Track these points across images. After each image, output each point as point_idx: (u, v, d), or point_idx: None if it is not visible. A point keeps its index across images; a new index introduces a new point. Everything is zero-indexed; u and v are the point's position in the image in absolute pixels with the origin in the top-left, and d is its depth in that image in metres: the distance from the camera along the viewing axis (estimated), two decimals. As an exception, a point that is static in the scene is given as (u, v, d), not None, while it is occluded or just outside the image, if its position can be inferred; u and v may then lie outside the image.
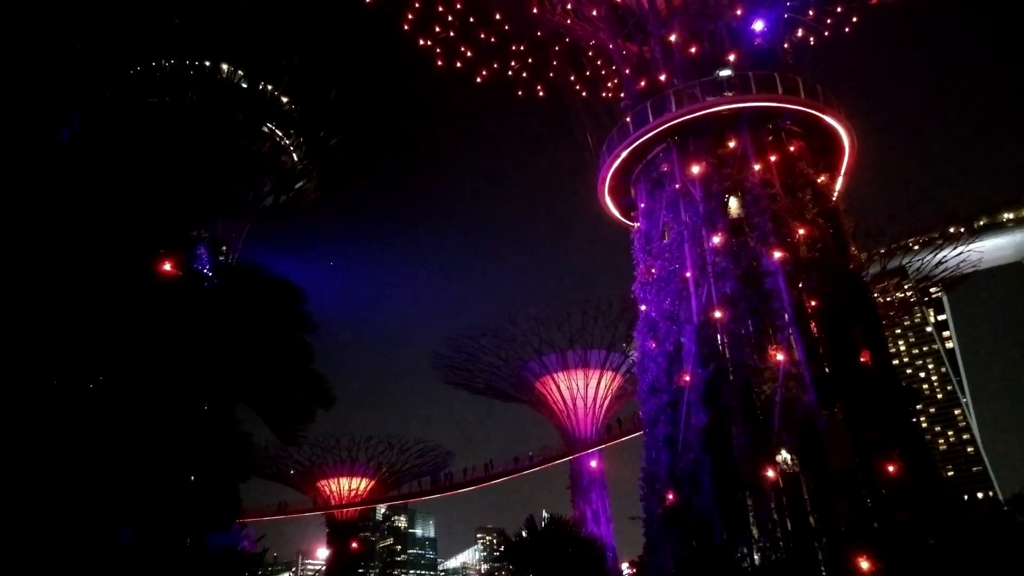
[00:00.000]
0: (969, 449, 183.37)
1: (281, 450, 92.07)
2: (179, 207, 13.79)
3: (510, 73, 58.43)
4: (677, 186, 44.04)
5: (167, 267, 13.43)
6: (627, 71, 50.01)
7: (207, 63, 48.70)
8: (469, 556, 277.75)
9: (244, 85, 52.51)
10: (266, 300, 14.29)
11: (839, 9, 56.78)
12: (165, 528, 15.97)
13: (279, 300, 14.33)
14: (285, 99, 56.26)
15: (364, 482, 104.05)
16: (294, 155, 58.86)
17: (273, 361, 14.62)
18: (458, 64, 56.98)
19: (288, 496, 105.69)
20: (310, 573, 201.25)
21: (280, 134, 57.55)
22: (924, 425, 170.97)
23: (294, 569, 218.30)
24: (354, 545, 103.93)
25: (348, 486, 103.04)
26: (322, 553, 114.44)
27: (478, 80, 58.08)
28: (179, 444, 15.45)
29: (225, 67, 50.95)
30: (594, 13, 50.47)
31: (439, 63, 56.71)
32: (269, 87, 54.83)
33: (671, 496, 38.76)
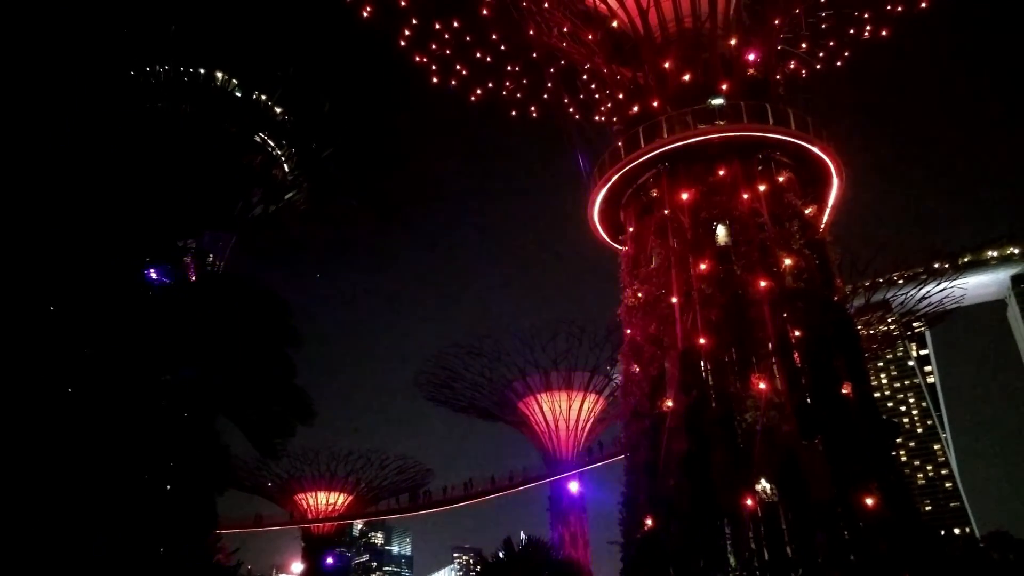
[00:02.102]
0: (947, 484, 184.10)
1: (259, 462, 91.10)
2: (167, 216, 13.72)
3: (504, 93, 58.83)
4: (666, 212, 44.34)
5: (152, 276, 13.34)
6: (620, 96, 50.48)
7: (201, 71, 48.63)
8: (446, 575, 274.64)
9: (238, 94, 52.44)
10: (251, 312, 14.21)
11: (832, 43, 57.72)
12: (139, 537, 15.74)
13: (264, 312, 14.24)
14: (278, 110, 56.22)
15: (342, 497, 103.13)
16: (285, 166, 58.66)
17: (255, 374, 14.50)
18: (453, 82, 57.31)
19: (264, 509, 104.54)
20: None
21: (272, 145, 57.36)
22: (904, 459, 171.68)
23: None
24: (329, 560, 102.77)
25: (325, 501, 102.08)
26: (297, 567, 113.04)
27: (472, 99, 58.42)
28: (156, 453, 15.27)
29: (219, 75, 50.89)
30: (590, 37, 51.00)
31: (434, 80, 57.00)
32: (263, 97, 54.79)
33: (650, 522, 38.64)
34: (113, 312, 12.66)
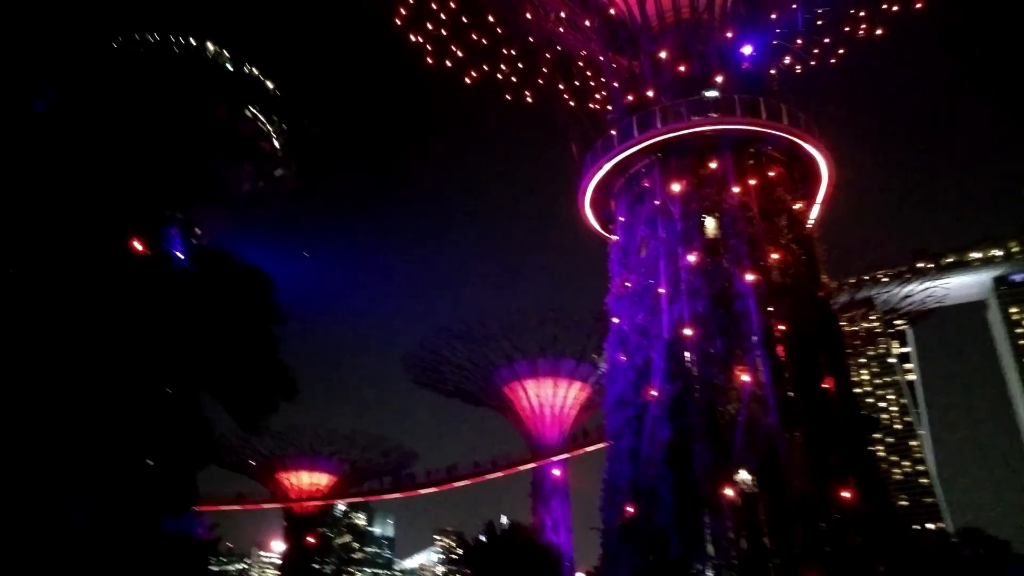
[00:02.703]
0: (923, 480, 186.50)
1: (243, 440, 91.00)
2: (153, 185, 13.54)
3: (499, 76, 58.44)
4: (657, 202, 44.36)
5: (136, 246, 13.19)
6: (615, 84, 50.32)
7: (192, 40, 48.00)
8: (426, 558, 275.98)
9: (229, 67, 51.84)
10: (236, 286, 14.10)
11: (826, 40, 57.66)
12: (119, 510, 15.70)
13: (249, 287, 14.12)
14: (270, 84, 55.66)
15: (325, 477, 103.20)
16: (275, 142, 58.16)
17: (239, 348, 14.39)
18: (448, 63, 56.87)
19: (247, 487, 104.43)
20: (265, 565, 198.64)
21: (263, 119, 56.82)
22: (881, 454, 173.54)
23: (248, 561, 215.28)
24: (310, 540, 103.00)
25: (309, 480, 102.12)
26: (277, 546, 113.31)
27: (467, 81, 58.02)
28: (138, 427, 15.20)
29: (211, 47, 50.25)
30: (587, 24, 50.73)
31: (429, 60, 56.55)
32: (254, 71, 54.21)
33: (631, 509, 38.97)
34: (94, 284, 12.52)
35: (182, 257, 15.35)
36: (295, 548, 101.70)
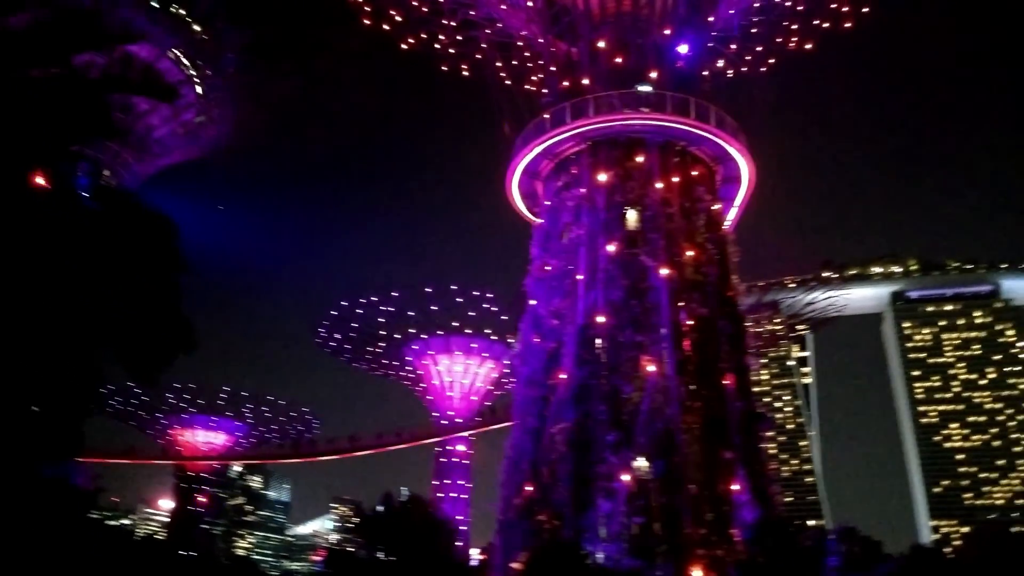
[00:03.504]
0: (808, 479, 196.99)
1: (138, 393, 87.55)
2: (58, 118, 12.67)
3: (437, 47, 57.48)
4: (583, 191, 44.91)
5: (37, 180, 12.36)
6: (552, 68, 50.37)
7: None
8: (321, 525, 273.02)
9: (154, 3, 49.09)
10: (139, 229, 13.41)
11: (759, 48, 59.27)
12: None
13: (153, 232, 13.45)
14: (197, 28, 52.98)
15: (222, 437, 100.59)
16: (197, 88, 55.49)
17: (136, 294, 13.70)
18: (385, 27, 55.50)
19: (138, 441, 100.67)
20: (151, 523, 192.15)
21: (186, 63, 54.08)
22: (773, 451, 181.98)
23: (133, 516, 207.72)
24: (201, 499, 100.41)
25: (204, 439, 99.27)
26: (165, 504, 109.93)
27: (403, 47, 56.79)
28: (22, 370, 14.37)
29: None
30: (529, 5, 50.51)
31: (366, 21, 55.02)
32: (181, 11, 51.51)
33: (530, 488, 39.67)
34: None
35: (85, 195, 14.47)
36: (185, 506, 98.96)
